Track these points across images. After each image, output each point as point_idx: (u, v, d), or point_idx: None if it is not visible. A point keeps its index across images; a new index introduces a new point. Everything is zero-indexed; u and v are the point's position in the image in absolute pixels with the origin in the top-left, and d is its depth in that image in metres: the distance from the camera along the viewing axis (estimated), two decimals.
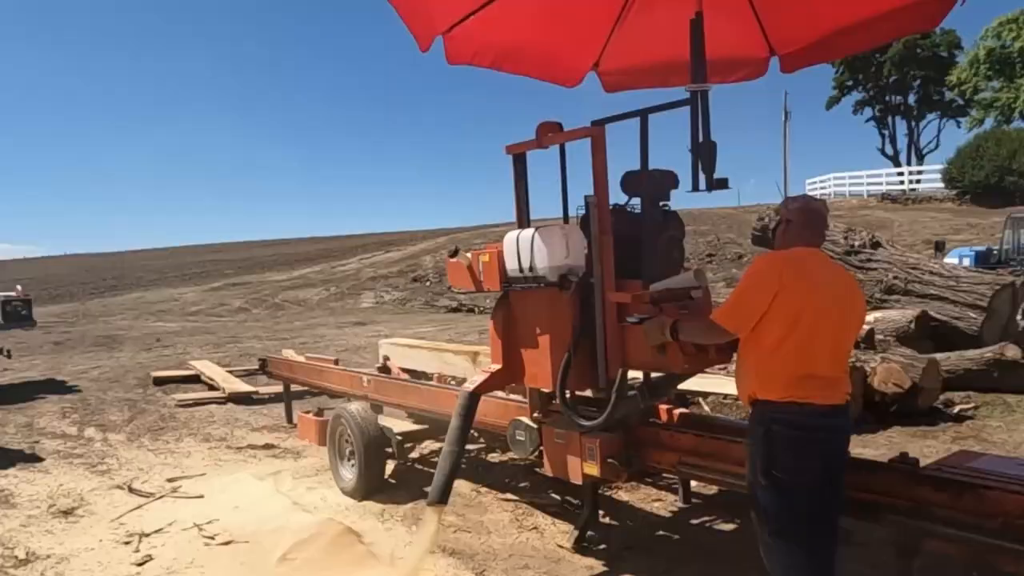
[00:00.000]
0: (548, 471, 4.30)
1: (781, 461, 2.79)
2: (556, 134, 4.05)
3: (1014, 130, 31.31)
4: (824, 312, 2.81)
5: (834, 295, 2.87)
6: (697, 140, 3.67)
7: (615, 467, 3.88)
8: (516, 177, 4.32)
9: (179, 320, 21.22)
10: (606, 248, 3.75)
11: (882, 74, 45.26)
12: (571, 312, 3.86)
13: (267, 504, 5.22)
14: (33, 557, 4.47)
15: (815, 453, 2.80)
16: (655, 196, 4.04)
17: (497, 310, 4.34)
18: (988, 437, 6.40)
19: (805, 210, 3.02)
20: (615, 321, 3.74)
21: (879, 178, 36.22)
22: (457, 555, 4.30)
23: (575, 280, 3.84)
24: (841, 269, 3.16)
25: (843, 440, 2.96)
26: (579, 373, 3.87)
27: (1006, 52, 32.42)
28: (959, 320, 8.54)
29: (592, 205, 3.74)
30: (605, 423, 3.84)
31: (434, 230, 40.79)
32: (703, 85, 3.66)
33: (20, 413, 8.82)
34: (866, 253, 10.01)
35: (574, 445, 4.02)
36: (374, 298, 24.41)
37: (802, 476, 2.78)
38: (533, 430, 4.33)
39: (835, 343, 2.87)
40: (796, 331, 2.77)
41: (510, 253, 4.09)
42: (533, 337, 4.12)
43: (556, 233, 3.89)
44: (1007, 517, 2.68)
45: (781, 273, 2.83)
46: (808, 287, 2.81)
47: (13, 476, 6.21)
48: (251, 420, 8.19)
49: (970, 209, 27.98)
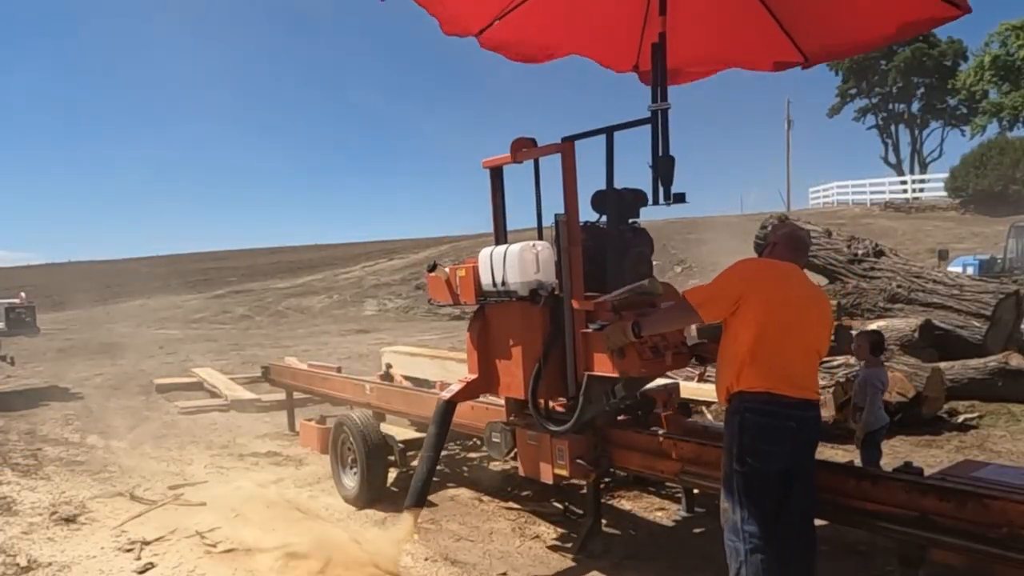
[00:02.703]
0: (522, 471, 4.50)
1: (754, 447, 3.03)
2: (528, 149, 4.25)
3: (1018, 139, 31.28)
4: (799, 315, 3.09)
5: (808, 303, 3.17)
6: (657, 155, 3.88)
7: (583, 467, 4.10)
8: (493, 191, 4.54)
9: (182, 327, 21.26)
10: (575, 259, 3.95)
11: (886, 82, 45.27)
12: (541, 324, 4.11)
13: (269, 512, 5.21)
14: (35, 565, 4.46)
15: (785, 439, 3.02)
16: (624, 213, 4.29)
17: (473, 323, 4.57)
18: (992, 446, 6.37)
19: (792, 237, 3.35)
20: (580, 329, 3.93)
21: (882, 186, 36.20)
22: (459, 564, 4.29)
23: (545, 294, 4.07)
24: (815, 285, 3.43)
25: (813, 432, 3.17)
26: (549, 383, 4.11)
27: (1011, 59, 32.41)
28: (963, 329, 8.51)
29: (562, 222, 3.96)
30: (573, 426, 4.02)
31: (437, 238, 40.84)
32: (663, 104, 3.89)
33: (23, 420, 8.84)
34: (869, 262, 9.99)
35: (545, 447, 4.24)
36: (377, 306, 24.45)
37: (773, 462, 3.02)
38: (508, 432, 4.52)
39: (807, 345, 3.14)
40: (772, 328, 3.03)
41: (484, 268, 4.30)
42: (506, 348, 4.35)
43: (527, 249, 4.11)
44: (1011, 527, 2.66)
45: (760, 272, 3.17)
46: (786, 289, 3.11)
47: (15, 483, 6.21)
48: (253, 428, 8.19)
49: (974, 218, 27.93)
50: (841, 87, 47.28)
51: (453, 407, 4.53)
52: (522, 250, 4.09)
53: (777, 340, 3.03)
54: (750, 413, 3.05)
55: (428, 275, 4.82)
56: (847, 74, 46.36)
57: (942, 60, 43.63)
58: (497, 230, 4.53)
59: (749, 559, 2.99)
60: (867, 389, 4.76)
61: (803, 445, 3.12)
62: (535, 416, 4.20)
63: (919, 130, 47.95)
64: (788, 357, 3.05)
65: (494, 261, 4.23)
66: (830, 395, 6.69)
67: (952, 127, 46.37)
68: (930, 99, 45.67)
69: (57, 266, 46.38)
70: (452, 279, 4.57)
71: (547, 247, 4.17)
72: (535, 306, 4.08)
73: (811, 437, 3.17)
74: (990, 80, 33.63)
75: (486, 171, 4.53)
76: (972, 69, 35.64)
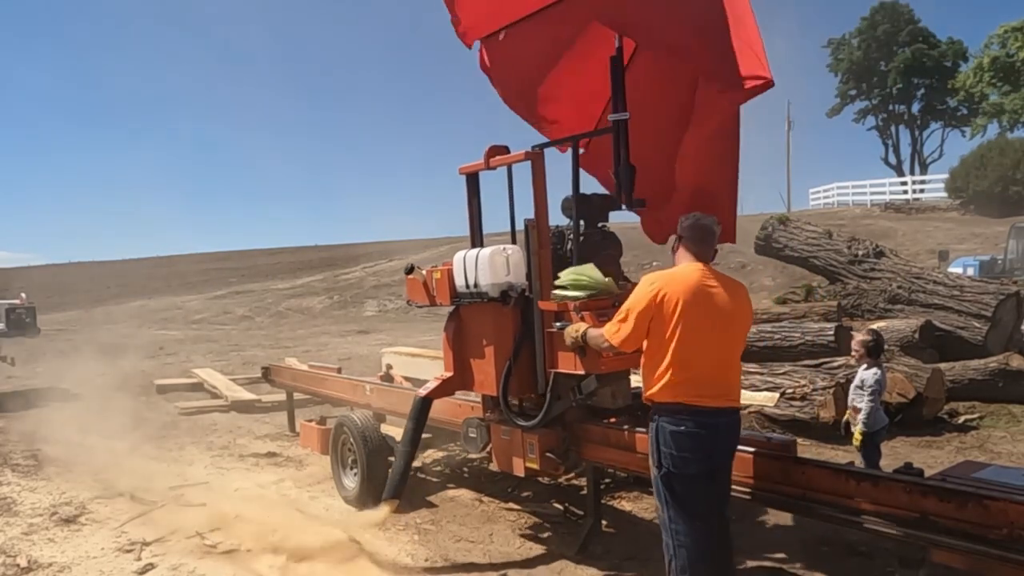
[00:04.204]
0: (496, 465, 4.66)
1: (669, 453, 3.20)
2: (501, 156, 4.43)
3: (1018, 140, 31.26)
4: (710, 323, 3.18)
5: (716, 308, 3.22)
6: (619, 164, 4.03)
7: (553, 460, 4.27)
8: (469, 196, 4.73)
9: (182, 328, 21.26)
10: (544, 262, 4.17)
11: (886, 83, 45.27)
12: (512, 324, 4.32)
13: (270, 513, 5.21)
14: (35, 565, 4.47)
15: (698, 446, 3.17)
16: (594, 218, 4.48)
17: (449, 323, 4.78)
18: (993, 447, 6.38)
19: (696, 227, 3.37)
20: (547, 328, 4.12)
21: (882, 187, 36.18)
22: (460, 564, 4.29)
23: (515, 295, 4.28)
24: (730, 282, 3.40)
25: (729, 437, 3.30)
26: (520, 380, 4.32)
27: (1011, 60, 32.42)
28: (963, 330, 8.50)
29: (531, 226, 4.18)
30: (542, 420, 4.20)
31: (438, 239, 40.82)
32: (622, 115, 4.02)
33: (23, 421, 8.83)
34: (870, 262, 10.00)
35: (516, 441, 4.42)
36: (377, 307, 24.45)
37: (687, 466, 3.18)
38: (483, 428, 4.67)
39: (721, 352, 3.24)
40: (675, 341, 3.16)
41: (458, 271, 4.51)
42: (480, 347, 4.56)
43: (498, 253, 4.31)
44: (1012, 528, 2.66)
45: (658, 291, 3.21)
46: (686, 302, 3.17)
47: (16, 484, 6.21)
48: (254, 428, 8.19)
49: (974, 219, 27.90)
50: (841, 88, 47.32)
51: (429, 404, 4.72)
52: (493, 253, 4.30)
53: (686, 355, 3.17)
54: (664, 422, 3.23)
55: (406, 277, 5.04)
56: (847, 75, 46.39)
57: (942, 61, 43.69)
58: (473, 234, 4.74)
59: (678, 553, 3.23)
60: (865, 390, 4.76)
61: (718, 450, 3.27)
62: (505, 412, 4.39)
63: (919, 131, 48.03)
64: (697, 370, 3.18)
65: (467, 264, 4.43)
66: (830, 396, 6.69)
67: (952, 128, 46.44)
68: (930, 100, 45.71)
69: (57, 267, 46.38)
70: (429, 281, 4.80)
71: (517, 250, 4.37)
72: (506, 307, 4.30)
73: (726, 441, 3.30)
74: (989, 82, 33.66)
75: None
76: (972, 70, 35.67)
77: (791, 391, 6.95)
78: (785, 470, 3.42)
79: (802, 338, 8.06)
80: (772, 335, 8.33)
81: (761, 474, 3.48)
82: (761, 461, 3.49)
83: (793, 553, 4.21)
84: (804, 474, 3.35)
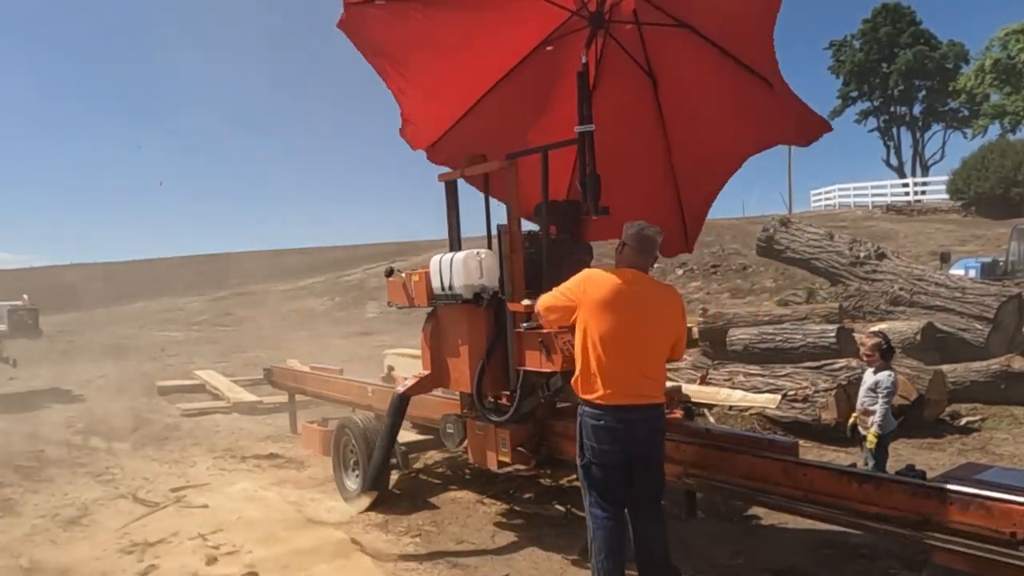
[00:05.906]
0: (471, 459, 4.90)
1: (589, 445, 3.45)
2: (476, 165, 4.64)
3: (1019, 141, 31.21)
4: (630, 326, 3.37)
5: (639, 312, 3.41)
6: (584, 173, 4.17)
7: (524, 454, 4.52)
8: (448, 202, 4.93)
9: (184, 330, 21.28)
10: (516, 266, 4.37)
11: (888, 85, 45.26)
12: (485, 325, 4.54)
13: (271, 515, 5.22)
14: (38, 567, 4.47)
15: (614, 439, 3.39)
16: (565, 224, 4.72)
17: (426, 323, 5.03)
18: (995, 449, 6.37)
19: (638, 236, 3.55)
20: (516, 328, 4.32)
21: (884, 189, 36.11)
22: (461, 566, 4.29)
23: (487, 297, 4.47)
24: (662, 289, 3.69)
25: (648, 430, 3.46)
26: (493, 377, 4.55)
27: (1012, 62, 32.42)
28: (965, 331, 8.50)
29: (504, 233, 4.39)
30: (512, 416, 4.43)
31: (439, 240, 40.87)
32: (588, 127, 4.17)
33: (25, 422, 8.84)
34: (871, 264, 10.00)
35: (490, 436, 4.64)
36: (379, 308, 24.40)
37: (607, 457, 3.41)
38: (460, 424, 4.88)
39: (640, 353, 3.41)
40: (594, 341, 3.37)
41: (435, 274, 4.72)
42: (455, 346, 4.80)
43: (472, 257, 4.51)
44: (1014, 529, 2.66)
45: (585, 289, 3.46)
46: (608, 301, 3.38)
47: (18, 485, 6.21)
48: (255, 430, 8.20)
49: (975, 220, 27.86)
50: (843, 90, 47.31)
51: (407, 400, 4.98)
52: (467, 257, 4.51)
53: (603, 354, 3.36)
54: (586, 416, 3.46)
55: (387, 279, 5.23)
56: (848, 77, 46.38)
57: (943, 63, 43.65)
58: (451, 238, 4.92)
59: (596, 535, 3.47)
60: (880, 392, 4.77)
61: (637, 442, 3.44)
62: (478, 408, 4.63)
63: (920, 133, 48.01)
64: (614, 369, 3.37)
65: (443, 267, 4.64)
66: (832, 397, 6.69)
67: (954, 129, 46.40)
68: (932, 102, 45.69)
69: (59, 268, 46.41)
70: (408, 283, 4.99)
71: (491, 254, 4.56)
72: (479, 308, 4.52)
73: (645, 434, 3.46)
74: (991, 84, 33.67)
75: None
76: (973, 72, 35.67)
77: (793, 393, 6.95)
78: (787, 472, 3.42)
79: (804, 340, 8.06)
80: (773, 337, 8.34)
81: (763, 476, 3.49)
82: (763, 463, 3.50)
83: (795, 555, 4.21)
84: (806, 476, 3.35)
